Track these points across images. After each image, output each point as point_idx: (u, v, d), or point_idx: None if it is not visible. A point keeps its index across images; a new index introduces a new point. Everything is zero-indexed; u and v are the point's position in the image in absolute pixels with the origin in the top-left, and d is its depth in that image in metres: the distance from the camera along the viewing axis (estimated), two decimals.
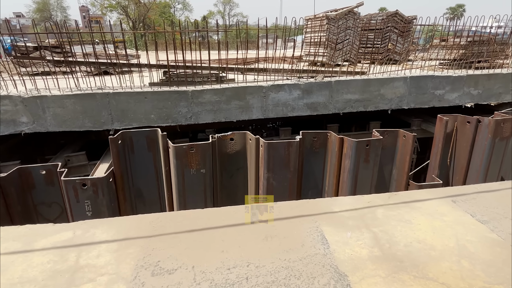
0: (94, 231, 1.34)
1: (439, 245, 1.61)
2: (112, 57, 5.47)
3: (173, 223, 1.48)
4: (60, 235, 1.25)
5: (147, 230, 1.43)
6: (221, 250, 1.42)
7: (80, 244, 1.24)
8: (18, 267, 1.19)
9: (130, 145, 2.79)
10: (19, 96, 4.43)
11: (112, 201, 2.66)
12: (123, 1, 28.58)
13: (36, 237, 1.22)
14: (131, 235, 1.35)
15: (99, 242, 1.26)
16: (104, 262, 1.25)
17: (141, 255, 1.30)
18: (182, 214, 1.57)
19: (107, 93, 4.65)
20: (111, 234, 1.32)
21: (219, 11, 58.85)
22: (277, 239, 1.54)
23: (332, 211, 1.74)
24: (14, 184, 2.48)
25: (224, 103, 5.11)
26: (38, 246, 1.17)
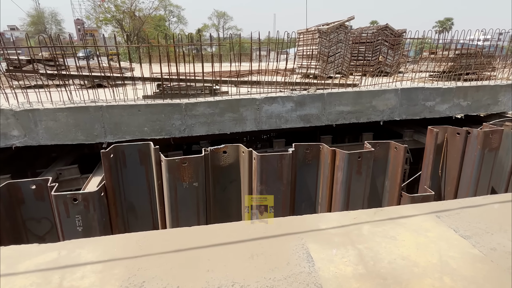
0: (79, 251, 1.31)
1: (422, 261, 1.61)
2: (106, 70, 5.49)
3: (160, 242, 1.46)
4: (44, 256, 1.22)
5: (134, 249, 1.41)
6: (206, 269, 1.41)
7: (65, 266, 1.21)
8: None
9: (122, 159, 2.78)
10: (11, 109, 4.40)
11: (103, 216, 2.63)
12: (118, 14, 28.85)
13: (20, 258, 1.19)
14: (117, 255, 1.33)
15: (84, 264, 1.24)
16: (88, 283, 1.22)
17: (126, 276, 1.28)
18: (169, 232, 1.55)
19: (100, 106, 4.65)
20: (96, 255, 1.30)
21: (214, 24, 59.66)
22: (263, 257, 1.54)
23: (318, 228, 1.74)
24: (2, 199, 2.44)
25: (217, 116, 5.13)
26: (21, 269, 1.14)
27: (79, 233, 2.54)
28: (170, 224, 2.87)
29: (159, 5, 32.66)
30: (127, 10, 28.19)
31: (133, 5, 28.47)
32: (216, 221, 2.98)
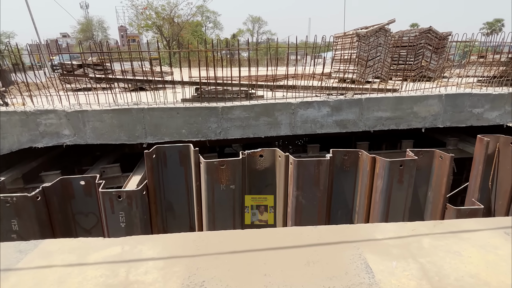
0: (141, 248, 1.37)
1: (494, 281, 1.48)
2: (148, 74, 5.76)
3: (216, 243, 1.49)
4: (110, 250, 1.30)
5: (191, 249, 1.44)
6: (263, 273, 1.40)
7: (129, 260, 1.28)
8: (74, 279, 1.25)
9: (163, 160, 2.88)
10: (63, 110, 4.74)
11: (144, 213, 2.74)
12: (158, 21, 30.16)
13: (89, 250, 1.27)
14: (176, 253, 1.37)
15: (146, 259, 1.30)
16: (152, 279, 1.27)
17: (187, 274, 1.31)
18: (224, 234, 1.58)
19: (142, 109, 4.87)
20: (157, 251, 1.35)
21: (248, 29, 60.39)
22: (319, 265, 1.50)
23: (374, 238, 1.67)
24: (56, 193, 2.64)
25: (253, 119, 5.18)
26: (91, 260, 1.23)
27: (122, 229, 2.67)
28: (207, 225, 2.93)
29: (196, 11, 33.74)
30: (166, 16, 29.43)
31: (173, 12, 29.66)
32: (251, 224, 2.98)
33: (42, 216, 2.56)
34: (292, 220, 2.99)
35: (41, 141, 4.85)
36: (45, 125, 4.78)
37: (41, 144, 4.88)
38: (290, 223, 2.97)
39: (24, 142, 4.81)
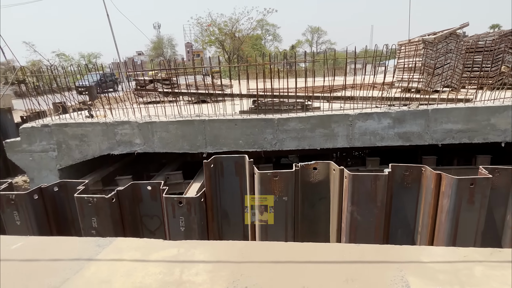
0: (194, 251, 1.51)
1: None
2: (209, 87, 6.14)
3: (260, 253, 1.55)
4: (168, 251, 1.47)
5: (237, 256, 1.53)
6: (302, 285, 1.42)
7: (183, 261, 1.43)
8: (138, 274, 1.43)
9: (220, 169, 3.05)
10: (136, 121, 5.29)
11: (202, 220, 2.92)
12: (221, 36, 31.94)
13: (151, 250, 1.46)
14: (223, 259, 1.47)
15: (198, 262, 1.43)
16: (202, 280, 1.40)
17: (231, 279, 1.40)
18: (268, 244, 1.64)
19: (203, 120, 5.20)
20: (207, 255, 1.48)
21: (307, 40, 60.33)
22: (358, 283, 1.46)
23: (420, 261, 1.55)
24: (127, 196, 2.96)
25: (308, 131, 5.16)
26: (152, 258, 1.41)
27: (181, 233, 2.87)
28: (259, 235, 2.99)
29: (256, 25, 34.91)
30: (228, 32, 31.04)
31: (234, 27, 31.17)
32: (303, 237, 2.97)
33: (116, 216, 2.90)
34: (347, 236, 2.90)
35: (117, 148, 5.47)
36: (121, 134, 5.38)
37: (117, 151, 5.49)
38: (345, 239, 2.89)
39: (104, 150, 5.48)
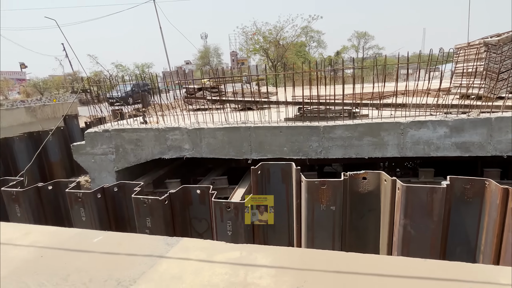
0: (256, 255, 1.55)
1: None
2: (255, 94, 6.26)
3: (321, 261, 1.53)
4: (231, 253, 1.52)
5: (298, 263, 1.53)
6: None
7: (246, 264, 1.47)
8: (206, 273, 1.50)
9: (267, 176, 3.08)
10: (185, 128, 5.56)
11: (248, 225, 2.96)
12: (265, 44, 32.37)
13: (215, 251, 1.53)
14: (285, 265, 1.49)
15: (260, 266, 1.46)
16: (266, 284, 1.42)
17: (295, 285, 1.41)
18: (328, 253, 1.62)
19: (249, 127, 5.30)
20: (269, 260, 1.50)
21: (353, 45, 58.73)
22: None
23: (497, 283, 1.41)
24: (178, 199, 3.12)
25: (356, 139, 5.01)
26: (217, 259, 1.47)
27: (228, 237, 2.94)
28: (305, 243, 2.95)
29: (301, 32, 34.85)
30: (273, 40, 31.36)
31: (278, 35, 31.42)
32: (351, 248, 2.88)
33: (167, 217, 3.06)
34: (399, 250, 2.74)
35: (168, 153, 5.78)
36: (172, 140, 5.68)
37: (168, 156, 5.80)
38: (396, 253, 2.74)
39: (156, 154, 5.82)
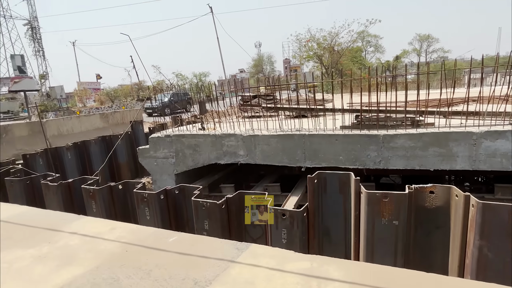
0: (327, 268, 1.51)
1: None
2: (309, 102, 6.19)
3: (396, 280, 1.45)
4: (301, 263, 1.50)
5: (373, 280, 1.44)
6: None
7: (318, 276, 1.44)
8: (278, 281, 1.49)
9: (323, 185, 3.01)
10: (241, 134, 5.70)
11: (303, 234, 2.91)
12: (319, 51, 31.97)
13: (284, 259, 1.52)
14: (359, 280, 1.43)
15: (333, 279, 1.42)
16: None
17: None
18: (407, 273, 1.51)
19: (303, 135, 5.25)
20: (341, 274, 1.45)
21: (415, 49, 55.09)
22: None
23: None
24: (235, 204, 3.19)
25: (419, 150, 4.66)
26: (287, 268, 1.46)
27: (283, 245, 2.92)
28: (364, 257, 2.81)
29: (357, 37, 33.75)
30: (327, 46, 30.85)
31: (333, 41, 30.81)
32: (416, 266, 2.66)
33: (224, 221, 3.15)
34: (473, 274, 2.46)
35: (223, 158, 5.97)
36: (227, 146, 5.87)
37: (223, 161, 6.00)
38: (469, 277, 2.46)
39: (212, 159, 6.05)
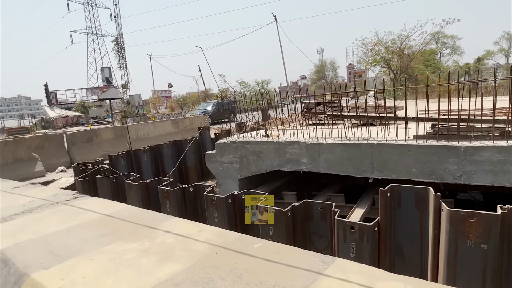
0: None
1: None
2: (379, 109, 5.88)
3: None
4: (393, 283, 1.43)
5: None
6: None
7: None
8: None
9: (397, 200, 2.82)
10: (304, 142, 5.66)
11: (373, 250, 2.76)
12: (387, 55, 30.15)
13: (374, 278, 1.47)
14: None
15: None
16: None
17: None
18: None
19: (371, 144, 5.01)
20: None
21: (502, 49, 48.66)
22: None
23: None
24: (300, 213, 3.18)
25: (511, 164, 4.09)
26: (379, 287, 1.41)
27: (352, 259, 2.80)
28: (444, 280, 2.54)
29: (431, 39, 31.09)
30: (396, 50, 28.96)
31: (404, 44, 28.80)
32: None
33: (289, 229, 3.15)
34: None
35: (286, 166, 5.99)
36: (290, 153, 5.88)
37: (286, 168, 6.02)
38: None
39: (275, 166, 6.12)
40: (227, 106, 21.95)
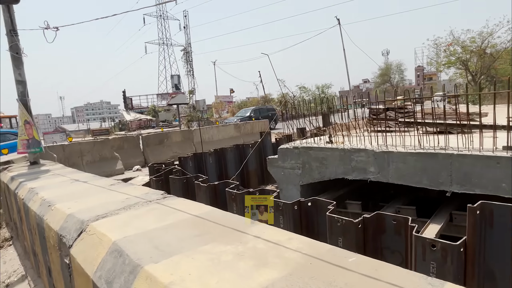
0: None
1: None
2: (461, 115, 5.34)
3: None
4: None
5: None
6: None
7: None
8: None
9: (489, 218, 2.51)
10: (372, 150, 5.39)
11: (458, 273, 2.49)
12: (464, 55, 27.19)
13: None
14: None
15: None
16: None
17: None
18: None
19: (450, 154, 4.57)
20: None
21: None
22: None
23: None
24: (372, 225, 3.03)
25: None
26: None
27: None
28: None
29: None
30: (476, 49, 25.92)
31: (485, 42, 25.67)
32: None
33: (359, 242, 3.02)
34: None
35: (351, 174, 5.77)
36: (356, 161, 5.65)
37: (351, 176, 5.80)
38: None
39: (339, 173, 5.94)
40: (266, 112, 21.43)
